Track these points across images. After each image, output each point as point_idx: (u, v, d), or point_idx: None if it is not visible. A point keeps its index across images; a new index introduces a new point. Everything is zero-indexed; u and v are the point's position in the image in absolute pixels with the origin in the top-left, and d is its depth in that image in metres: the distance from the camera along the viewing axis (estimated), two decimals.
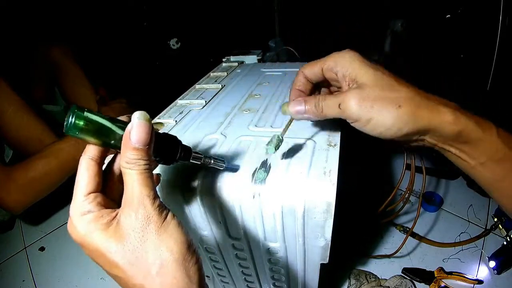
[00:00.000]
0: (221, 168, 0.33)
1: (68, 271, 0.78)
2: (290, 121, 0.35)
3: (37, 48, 0.89)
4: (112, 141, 0.23)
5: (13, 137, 0.76)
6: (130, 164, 0.21)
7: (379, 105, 0.27)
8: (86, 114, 0.21)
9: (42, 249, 0.86)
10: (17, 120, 0.75)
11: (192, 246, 0.23)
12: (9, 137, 0.77)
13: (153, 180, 0.23)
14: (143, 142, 0.21)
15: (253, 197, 0.33)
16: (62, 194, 0.81)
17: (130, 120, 0.22)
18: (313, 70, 0.33)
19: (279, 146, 0.33)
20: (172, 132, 0.45)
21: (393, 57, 1.06)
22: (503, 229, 0.71)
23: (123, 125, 0.23)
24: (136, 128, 0.21)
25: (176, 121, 0.48)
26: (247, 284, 0.50)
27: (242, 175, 0.35)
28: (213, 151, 0.39)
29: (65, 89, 0.91)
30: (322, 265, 0.39)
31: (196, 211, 0.38)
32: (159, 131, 0.26)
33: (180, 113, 0.51)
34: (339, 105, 0.28)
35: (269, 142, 0.33)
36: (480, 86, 0.89)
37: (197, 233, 0.42)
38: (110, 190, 0.25)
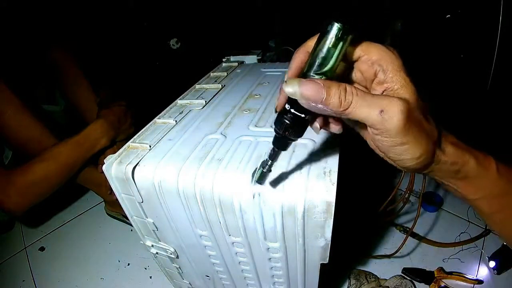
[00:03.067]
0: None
1: (68, 271, 0.78)
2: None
3: (37, 48, 0.88)
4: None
5: (12, 138, 0.76)
6: None
7: (416, 131, 0.23)
8: None
9: (42, 249, 0.86)
10: (16, 121, 0.75)
11: None
12: (8, 138, 0.77)
13: None
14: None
15: (253, 197, 0.33)
16: (62, 195, 0.81)
17: None
18: (352, 49, 0.25)
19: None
20: (172, 132, 0.45)
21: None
22: None
23: None
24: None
25: (176, 121, 0.48)
26: (247, 284, 0.50)
27: (242, 175, 0.35)
28: (213, 151, 0.39)
29: (65, 90, 0.91)
30: (322, 265, 0.39)
31: (196, 211, 0.38)
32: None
33: (180, 113, 0.51)
34: (381, 111, 0.22)
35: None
36: (480, 86, 0.89)
37: (197, 233, 0.42)
38: None
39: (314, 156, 0.35)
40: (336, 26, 0.21)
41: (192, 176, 0.36)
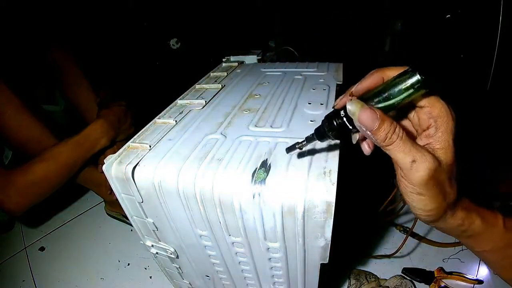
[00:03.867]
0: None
1: (68, 271, 0.78)
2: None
3: (37, 48, 0.88)
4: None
5: (12, 138, 0.76)
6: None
7: (436, 190, 0.26)
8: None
9: (42, 249, 0.86)
10: (16, 121, 0.75)
11: None
12: (8, 138, 0.77)
13: None
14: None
15: (253, 197, 0.33)
16: (62, 195, 0.81)
17: None
18: (421, 98, 0.27)
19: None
20: (172, 132, 0.45)
21: (393, 57, 1.06)
22: None
23: None
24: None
25: (176, 121, 0.48)
26: (247, 284, 0.50)
27: (242, 175, 0.35)
28: (213, 151, 0.39)
29: (65, 90, 0.91)
30: (322, 265, 0.39)
31: (196, 211, 0.38)
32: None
33: (180, 113, 0.51)
34: (413, 161, 0.25)
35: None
36: (480, 86, 0.89)
37: (197, 233, 0.42)
38: None
39: (314, 156, 0.35)
40: (417, 77, 0.22)
41: (192, 176, 0.36)
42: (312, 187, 0.32)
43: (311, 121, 0.43)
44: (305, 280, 0.44)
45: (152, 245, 0.50)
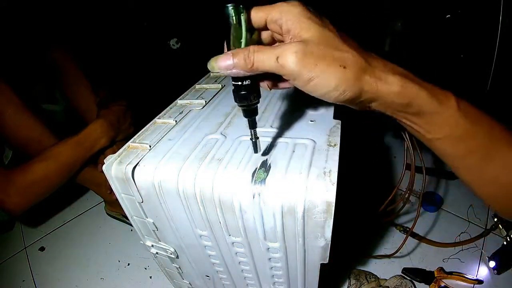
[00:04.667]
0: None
1: (68, 271, 0.78)
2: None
3: (37, 48, 0.88)
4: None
5: (12, 138, 0.76)
6: None
7: (323, 64, 0.24)
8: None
9: (42, 249, 0.86)
10: (16, 121, 0.75)
11: None
12: (8, 138, 0.77)
13: None
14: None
15: (253, 197, 0.33)
16: (62, 195, 0.81)
17: None
18: (256, 15, 0.27)
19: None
20: (172, 132, 0.45)
21: (393, 57, 1.06)
22: (503, 229, 0.71)
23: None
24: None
25: (176, 121, 0.48)
26: (247, 284, 0.50)
27: (242, 175, 0.35)
28: (213, 151, 0.39)
29: (65, 90, 0.91)
30: (322, 265, 0.39)
31: (196, 211, 0.38)
32: None
33: (180, 113, 0.51)
34: (277, 58, 0.24)
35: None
36: (480, 86, 0.89)
37: (197, 233, 0.42)
38: None
39: (314, 156, 0.35)
40: (230, 7, 0.25)
41: (192, 176, 0.36)
42: (312, 187, 0.32)
43: (311, 121, 0.43)
44: (305, 280, 0.44)
45: (152, 245, 0.50)
